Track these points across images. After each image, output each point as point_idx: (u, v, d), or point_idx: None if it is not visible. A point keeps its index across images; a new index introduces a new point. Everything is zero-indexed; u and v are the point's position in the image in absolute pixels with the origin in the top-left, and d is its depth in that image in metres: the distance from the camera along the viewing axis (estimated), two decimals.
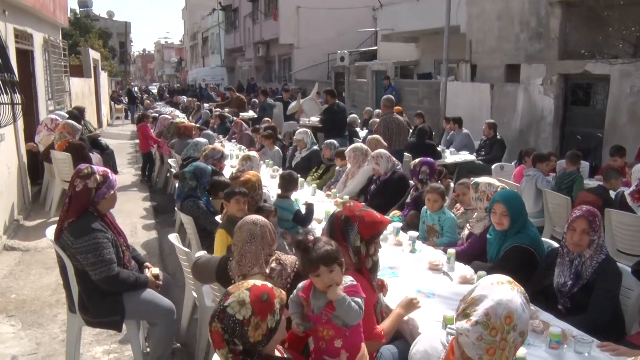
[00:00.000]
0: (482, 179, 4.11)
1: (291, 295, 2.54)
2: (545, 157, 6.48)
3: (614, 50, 8.17)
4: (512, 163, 7.90)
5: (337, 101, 9.59)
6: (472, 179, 4.24)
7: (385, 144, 6.75)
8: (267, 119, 11.12)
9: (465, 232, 4.17)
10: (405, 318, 2.81)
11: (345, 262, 2.54)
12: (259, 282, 1.97)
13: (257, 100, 15.36)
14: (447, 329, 1.99)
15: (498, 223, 3.53)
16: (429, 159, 5.22)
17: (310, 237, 2.44)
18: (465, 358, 1.76)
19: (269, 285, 1.98)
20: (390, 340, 2.73)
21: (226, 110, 13.76)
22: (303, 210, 4.60)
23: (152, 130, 10.67)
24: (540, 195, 6.16)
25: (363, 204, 2.85)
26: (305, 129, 7.92)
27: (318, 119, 10.36)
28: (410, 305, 2.76)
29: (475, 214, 4.15)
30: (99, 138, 9.98)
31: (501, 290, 1.75)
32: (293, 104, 12.22)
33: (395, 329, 2.69)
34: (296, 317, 2.47)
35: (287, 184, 4.75)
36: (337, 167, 6.69)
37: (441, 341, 1.94)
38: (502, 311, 1.69)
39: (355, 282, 2.40)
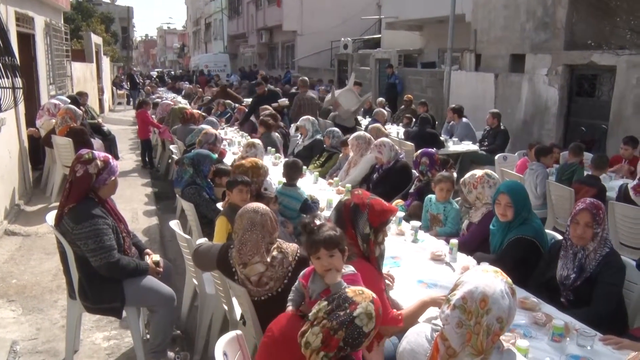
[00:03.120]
0: (467, 174, 4.09)
1: (294, 284, 2.52)
2: (548, 150, 6.42)
3: (621, 41, 8.06)
4: (516, 154, 7.85)
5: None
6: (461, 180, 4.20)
7: (386, 132, 6.71)
8: (266, 106, 10.97)
9: (466, 223, 4.15)
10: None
11: (353, 251, 2.53)
12: (374, 294, 1.98)
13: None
14: (432, 324, 1.97)
15: (502, 214, 3.51)
16: (429, 150, 5.18)
17: (317, 222, 2.44)
18: (451, 354, 1.75)
19: (375, 295, 2.00)
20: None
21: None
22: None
23: (152, 117, 10.62)
24: (542, 189, 6.11)
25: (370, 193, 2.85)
26: (308, 117, 7.85)
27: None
28: (436, 300, 2.63)
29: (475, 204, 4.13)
30: (96, 120, 9.96)
31: (483, 276, 1.78)
32: (327, 97, 10.87)
33: (417, 318, 2.60)
34: (291, 304, 2.46)
35: (292, 173, 4.69)
36: (340, 155, 6.67)
37: (426, 337, 1.93)
38: (477, 295, 1.71)
39: (356, 272, 2.39)
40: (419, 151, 5.18)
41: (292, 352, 2.05)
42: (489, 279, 1.78)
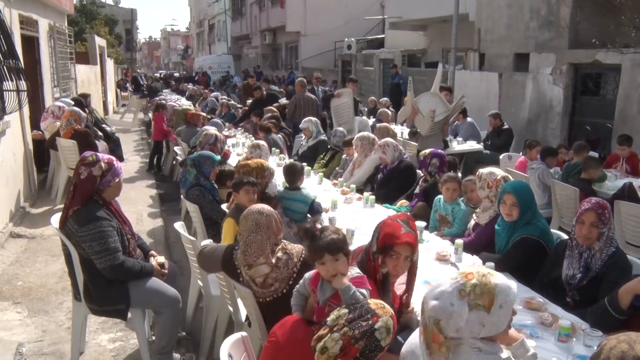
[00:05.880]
0: (486, 169, 4.07)
1: (297, 286, 2.52)
2: (555, 151, 6.42)
3: (625, 39, 8.04)
4: (520, 153, 7.83)
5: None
6: (479, 172, 4.17)
7: (393, 132, 6.70)
8: (269, 107, 10.97)
9: (472, 223, 4.13)
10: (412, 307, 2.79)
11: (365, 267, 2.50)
12: (392, 310, 1.97)
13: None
14: None
15: (507, 214, 3.49)
16: (439, 151, 5.17)
17: (318, 226, 2.43)
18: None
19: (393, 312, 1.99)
20: (397, 332, 2.70)
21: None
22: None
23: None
24: (546, 188, 6.10)
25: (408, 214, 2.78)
26: (310, 118, 7.82)
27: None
28: None
29: (482, 204, 4.11)
30: (103, 125, 9.95)
31: (444, 280, 1.85)
32: (402, 109, 8.41)
33: None
34: (297, 310, 2.45)
35: (292, 177, 4.61)
36: (343, 156, 6.66)
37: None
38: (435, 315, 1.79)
39: (362, 275, 2.38)
40: (428, 151, 5.14)
41: (296, 357, 2.04)
42: (445, 280, 1.81)
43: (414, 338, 1.99)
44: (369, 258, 2.54)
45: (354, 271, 2.37)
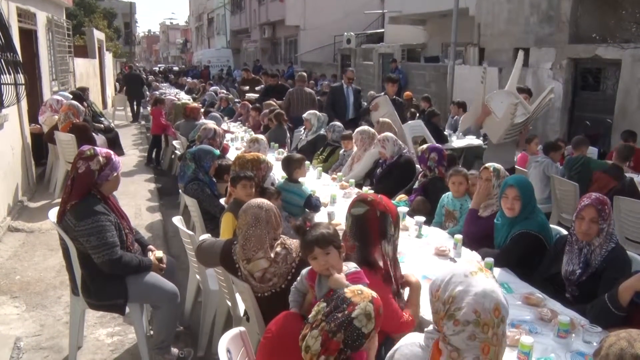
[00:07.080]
0: (499, 166, 4.03)
1: (295, 282, 2.51)
2: (557, 145, 6.42)
3: (626, 34, 8.02)
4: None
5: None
6: (487, 166, 4.14)
7: (395, 129, 6.68)
8: (269, 102, 10.94)
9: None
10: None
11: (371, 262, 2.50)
12: (374, 293, 1.93)
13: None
14: (426, 332, 1.87)
15: (510, 208, 3.47)
16: (437, 145, 5.15)
17: (309, 223, 2.43)
18: (455, 357, 1.68)
19: (376, 294, 1.95)
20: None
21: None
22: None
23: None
24: (548, 182, 6.09)
25: (372, 191, 2.82)
26: (315, 111, 7.78)
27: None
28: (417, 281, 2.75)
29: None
30: (102, 119, 9.92)
31: (479, 281, 1.68)
32: (467, 113, 7.07)
33: (419, 303, 2.66)
34: (294, 306, 2.44)
35: (288, 168, 4.60)
36: (341, 151, 6.64)
37: (420, 345, 1.86)
38: (489, 304, 1.63)
39: (359, 269, 2.37)
40: (427, 146, 5.13)
41: (291, 353, 2.02)
42: (487, 282, 1.69)
43: (407, 349, 1.88)
44: (380, 253, 2.54)
45: (351, 266, 2.36)
